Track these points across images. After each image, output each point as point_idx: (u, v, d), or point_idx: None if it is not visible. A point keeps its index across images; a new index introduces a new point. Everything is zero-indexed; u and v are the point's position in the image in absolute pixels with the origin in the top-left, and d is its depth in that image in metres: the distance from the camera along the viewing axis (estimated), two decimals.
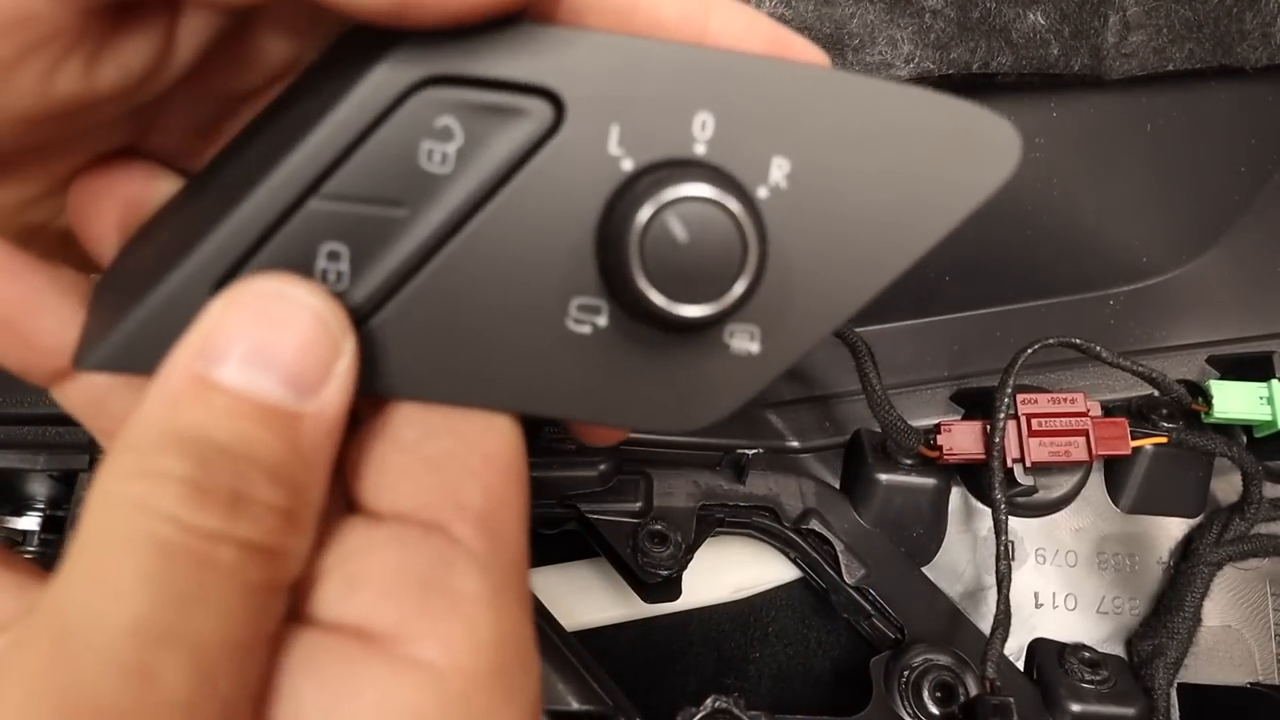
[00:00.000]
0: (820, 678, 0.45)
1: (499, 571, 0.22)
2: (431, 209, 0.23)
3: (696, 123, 0.23)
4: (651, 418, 0.24)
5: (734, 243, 0.22)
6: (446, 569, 0.21)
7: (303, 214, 0.22)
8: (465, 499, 0.22)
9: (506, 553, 0.22)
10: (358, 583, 0.21)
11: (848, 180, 0.23)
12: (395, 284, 0.23)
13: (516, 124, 0.23)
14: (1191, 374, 0.47)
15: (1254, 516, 0.43)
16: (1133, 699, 0.40)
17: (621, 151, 0.22)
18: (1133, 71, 0.43)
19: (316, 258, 0.23)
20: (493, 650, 0.20)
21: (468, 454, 0.23)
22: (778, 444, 0.48)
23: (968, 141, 0.23)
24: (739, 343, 0.24)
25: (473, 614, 0.20)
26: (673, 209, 0.21)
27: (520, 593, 0.22)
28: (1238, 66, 0.44)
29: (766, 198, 0.23)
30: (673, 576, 0.41)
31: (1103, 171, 0.47)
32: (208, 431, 0.19)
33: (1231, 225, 0.49)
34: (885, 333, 0.49)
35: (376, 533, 0.22)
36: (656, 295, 0.22)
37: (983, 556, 0.46)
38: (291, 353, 0.21)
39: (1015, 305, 0.49)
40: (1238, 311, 0.48)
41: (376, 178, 0.22)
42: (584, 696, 0.33)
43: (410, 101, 0.22)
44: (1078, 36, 0.42)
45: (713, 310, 0.22)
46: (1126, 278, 0.49)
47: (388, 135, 0.22)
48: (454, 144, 0.22)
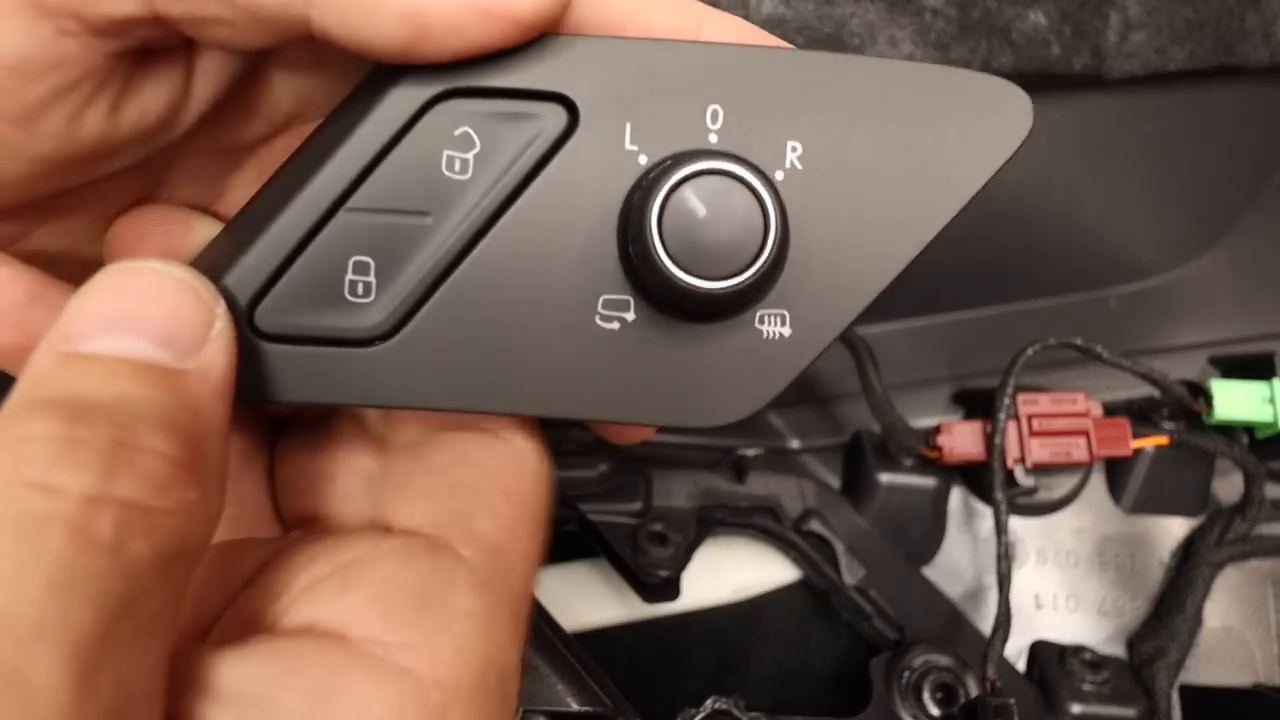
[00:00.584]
0: (820, 679, 0.45)
1: (496, 596, 0.22)
2: (454, 216, 0.23)
3: (708, 114, 0.23)
4: (690, 412, 0.24)
5: (753, 213, 0.22)
6: (445, 583, 0.21)
7: (331, 228, 0.23)
8: (478, 525, 0.23)
9: (507, 581, 0.22)
10: (351, 586, 0.21)
11: (863, 157, 0.23)
12: (423, 292, 0.23)
13: (532, 129, 0.23)
14: (1193, 374, 0.47)
15: (1255, 517, 0.43)
16: (1134, 700, 0.40)
17: (637, 147, 0.23)
18: (1134, 71, 0.43)
19: (346, 270, 0.23)
20: (478, 671, 0.20)
21: (490, 486, 0.24)
22: (778, 444, 0.48)
23: (979, 108, 0.23)
24: (770, 327, 0.23)
25: (464, 631, 0.20)
26: (689, 185, 0.22)
27: (515, 623, 0.22)
28: (1239, 66, 0.44)
29: (783, 180, 0.23)
30: (672, 577, 0.41)
31: (1104, 171, 0.47)
32: (80, 392, 0.18)
33: (1233, 225, 0.49)
34: (886, 333, 0.49)
35: (383, 544, 0.22)
36: (680, 272, 0.22)
37: (983, 557, 0.46)
38: (161, 317, 0.20)
39: (1016, 305, 0.49)
40: (1239, 311, 0.48)
41: (401, 188, 0.23)
42: (584, 697, 0.33)
43: (430, 114, 0.23)
44: (1079, 36, 0.42)
45: (735, 283, 0.22)
46: (1127, 277, 0.49)
47: (410, 147, 0.23)
48: (473, 151, 0.23)
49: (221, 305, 0.21)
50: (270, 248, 0.23)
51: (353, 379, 0.23)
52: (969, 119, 0.23)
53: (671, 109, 0.23)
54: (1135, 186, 0.48)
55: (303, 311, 0.23)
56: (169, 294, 0.20)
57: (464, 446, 0.24)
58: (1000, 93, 0.23)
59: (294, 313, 0.23)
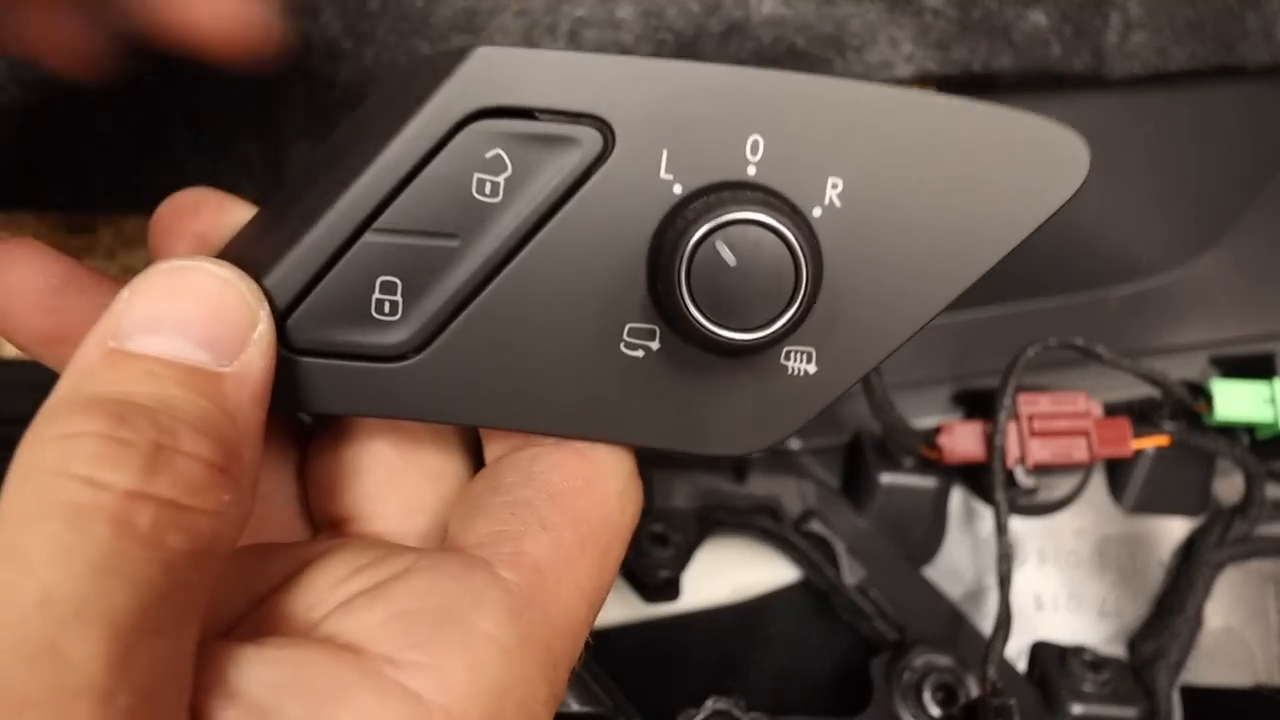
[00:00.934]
0: (820, 679, 0.45)
1: (531, 624, 0.21)
2: (483, 239, 0.23)
3: (748, 144, 0.22)
4: (708, 441, 0.24)
5: (785, 266, 0.21)
6: (472, 604, 0.20)
7: (358, 248, 0.23)
8: (527, 546, 0.22)
9: (548, 610, 0.21)
10: (378, 601, 0.20)
11: (906, 198, 0.22)
12: (449, 313, 0.23)
13: (566, 152, 0.22)
14: (1193, 374, 0.47)
15: (1256, 517, 0.43)
16: (1135, 701, 0.40)
17: (672, 176, 0.22)
18: (1134, 71, 0.43)
19: (373, 290, 0.23)
20: (493, 700, 0.19)
21: (551, 506, 0.23)
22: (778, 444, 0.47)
23: (1032, 154, 0.22)
24: (796, 364, 0.23)
25: (482, 656, 0.20)
26: (720, 233, 0.21)
27: (549, 655, 0.21)
28: (1239, 66, 0.44)
29: (821, 217, 0.22)
30: (673, 577, 0.41)
31: (1104, 171, 0.47)
32: (125, 392, 0.18)
33: (1233, 225, 0.49)
34: None
35: (422, 560, 0.21)
36: (705, 320, 0.21)
37: (983, 557, 0.46)
38: (204, 318, 0.20)
39: (1016, 305, 0.49)
40: (1240, 311, 0.48)
41: (429, 210, 0.23)
42: (584, 698, 0.33)
43: (461, 135, 0.22)
44: (1079, 36, 0.42)
45: (762, 335, 0.21)
46: (1128, 277, 0.49)
47: (440, 168, 0.22)
48: (504, 174, 0.22)
49: (265, 308, 0.22)
50: (298, 264, 0.23)
51: (378, 392, 0.24)
52: (1020, 164, 0.22)
53: (710, 137, 0.22)
54: (1135, 186, 0.48)
55: (330, 327, 0.23)
56: (214, 295, 0.21)
57: (538, 464, 0.24)
58: (1056, 139, 0.22)
59: (321, 328, 0.23)
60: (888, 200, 0.22)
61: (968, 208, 0.23)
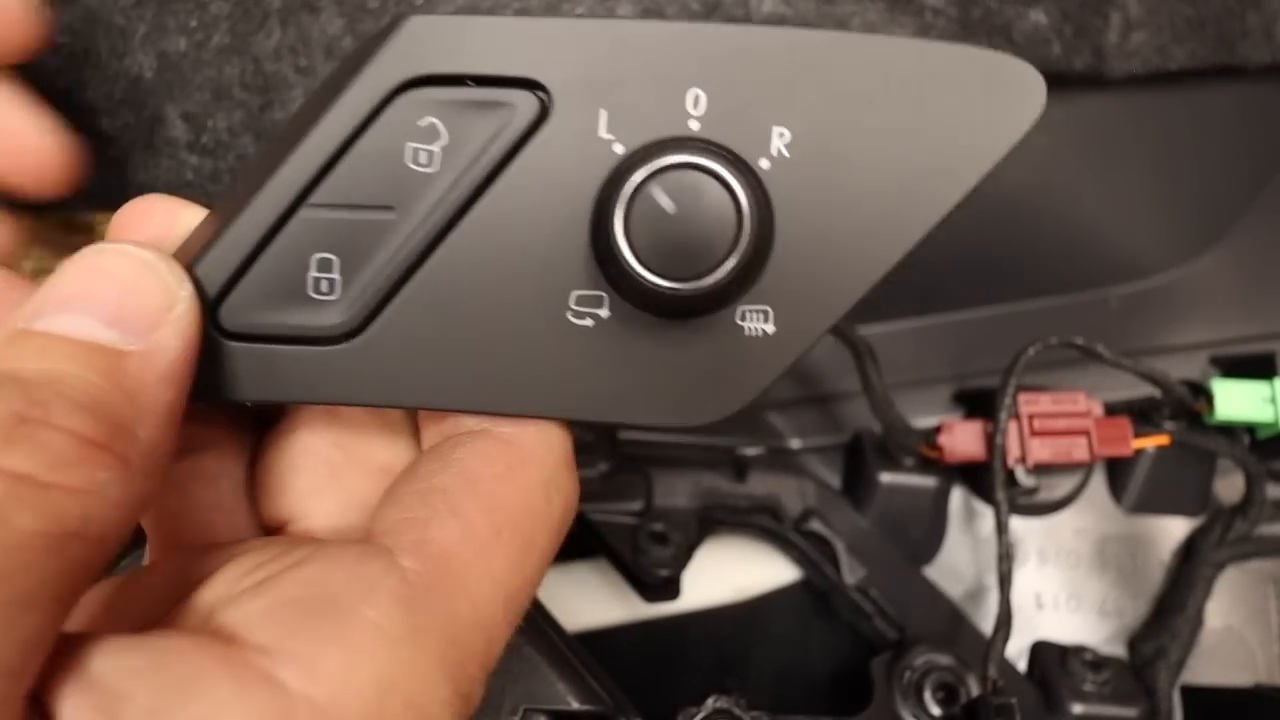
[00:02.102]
0: (821, 679, 0.45)
1: (430, 615, 0.20)
2: (420, 210, 0.22)
3: (689, 99, 0.22)
4: (668, 412, 0.23)
5: (725, 210, 0.21)
6: (363, 593, 0.19)
7: (292, 225, 0.22)
8: (434, 534, 0.21)
9: (452, 600, 0.20)
10: (264, 591, 0.19)
11: (857, 143, 0.22)
12: (388, 290, 0.22)
13: (502, 118, 0.22)
14: (1194, 374, 0.47)
15: (1256, 517, 0.43)
16: (1135, 700, 0.40)
17: (612, 136, 0.22)
18: (1135, 71, 0.43)
19: (309, 268, 0.22)
20: (371, 694, 0.18)
21: (467, 493, 0.22)
22: (778, 444, 0.47)
23: (985, 88, 0.21)
24: (753, 324, 0.22)
25: (363, 646, 0.18)
26: (658, 179, 0.21)
27: (449, 649, 0.20)
28: (1240, 66, 0.44)
29: (769, 169, 0.22)
30: (673, 576, 0.41)
31: (1105, 170, 0.47)
32: (11, 368, 0.18)
33: (1234, 224, 0.49)
34: (886, 332, 0.48)
35: (321, 550, 0.20)
36: (646, 272, 0.21)
37: (984, 557, 0.46)
38: (115, 297, 0.20)
39: (1016, 305, 0.49)
40: (1240, 311, 0.48)
41: (364, 183, 0.22)
42: (584, 696, 0.33)
43: (393, 105, 0.22)
44: (1079, 35, 0.42)
45: (705, 284, 0.21)
46: (1128, 277, 0.49)
47: (373, 140, 0.22)
48: (439, 143, 0.22)
49: (187, 289, 0.21)
50: (232, 245, 0.22)
51: (317, 377, 0.23)
52: (974, 99, 0.21)
53: (650, 94, 0.21)
54: (1136, 186, 0.48)
55: (266, 310, 0.22)
56: (127, 274, 0.20)
57: (459, 450, 0.23)
58: (1009, 71, 0.21)
59: (257, 311, 0.22)
60: (838, 147, 0.22)
61: (922, 149, 0.22)
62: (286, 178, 0.22)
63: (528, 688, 0.33)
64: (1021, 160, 0.22)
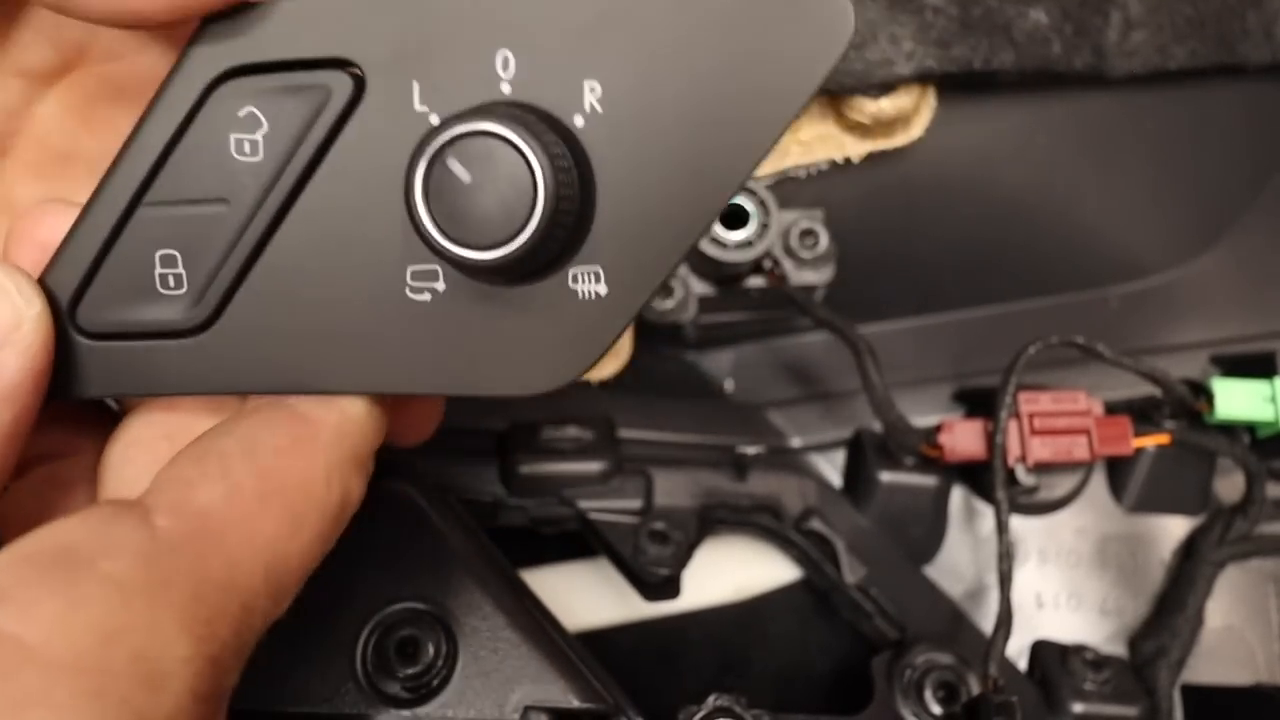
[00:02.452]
0: (821, 678, 0.45)
1: (174, 570, 0.19)
2: (251, 200, 0.22)
3: (497, 61, 0.21)
4: (511, 381, 0.23)
5: (521, 177, 0.20)
6: (101, 547, 0.19)
7: (132, 225, 0.22)
8: (197, 493, 0.21)
9: (204, 559, 0.20)
10: (12, 548, 0.19)
11: (669, 90, 0.21)
12: (231, 280, 0.23)
13: (319, 100, 0.22)
14: (1194, 373, 0.47)
15: (1256, 516, 0.43)
16: (1135, 699, 0.40)
17: (427, 107, 0.22)
18: (1135, 70, 0.43)
19: (154, 265, 0.23)
20: (88, 639, 0.18)
21: (241, 458, 0.22)
22: (779, 443, 0.47)
23: (790, 19, 0.21)
24: (585, 285, 0.22)
25: (90, 595, 0.18)
26: (451, 149, 0.20)
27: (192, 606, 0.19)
28: (1240, 65, 0.44)
29: (584, 126, 0.21)
30: (673, 575, 0.41)
31: (1105, 169, 0.47)
32: None
33: (1234, 224, 0.49)
34: (886, 332, 0.48)
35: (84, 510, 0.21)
36: (448, 243, 0.21)
37: (984, 556, 0.46)
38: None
39: (1016, 304, 0.49)
40: (1240, 310, 0.48)
41: (194, 177, 0.22)
42: (585, 695, 0.33)
43: (213, 97, 0.22)
44: (1080, 34, 0.42)
45: (509, 252, 0.20)
46: (1128, 276, 0.49)
47: (197, 134, 0.22)
48: (261, 131, 0.22)
49: (37, 307, 0.21)
50: (79, 248, 0.22)
51: (172, 370, 0.23)
52: (781, 34, 0.21)
53: (458, 61, 0.21)
54: (1136, 185, 0.48)
55: (119, 308, 0.23)
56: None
57: (251, 419, 0.23)
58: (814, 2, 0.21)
59: (111, 309, 0.23)
60: (650, 96, 0.21)
61: (736, 89, 0.21)
62: (120, 179, 0.22)
63: (529, 686, 0.33)
64: (1022, 160, 0.22)
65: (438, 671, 0.33)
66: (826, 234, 0.44)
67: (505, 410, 0.44)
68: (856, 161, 0.44)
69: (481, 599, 0.34)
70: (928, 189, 0.46)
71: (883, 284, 0.48)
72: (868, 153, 0.44)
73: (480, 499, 0.42)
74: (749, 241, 0.43)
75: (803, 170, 0.44)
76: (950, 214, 0.46)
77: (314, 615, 0.32)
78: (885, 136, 0.43)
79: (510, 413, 0.44)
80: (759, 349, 0.49)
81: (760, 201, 0.43)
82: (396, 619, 0.33)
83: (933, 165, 0.44)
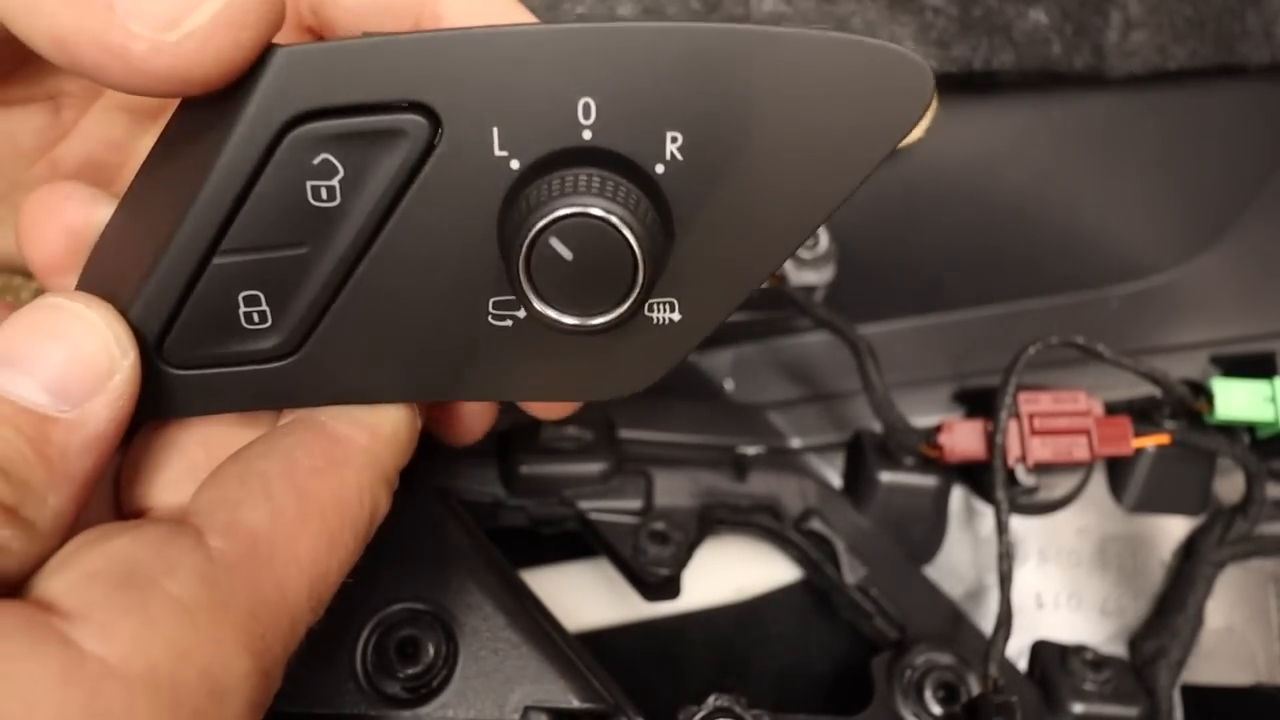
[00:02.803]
0: (821, 678, 0.45)
1: (232, 591, 0.20)
2: (331, 243, 0.22)
3: (579, 108, 0.21)
4: (584, 390, 0.25)
5: (621, 253, 0.21)
6: (165, 568, 0.20)
7: (210, 272, 0.23)
8: (244, 515, 0.22)
9: (257, 578, 0.21)
10: (71, 565, 0.20)
11: (749, 140, 0.22)
12: (316, 314, 0.23)
13: (395, 143, 0.22)
14: (1194, 373, 0.47)
15: (1256, 516, 0.43)
16: (1136, 700, 0.40)
17: (507, 152, 0.22)
18: (1135, 70, 0.43)
19: (238, 305, 0.23)
20: (167, 658, 0.19)
21: (282, 477, 0.23)
22: (779, 443, 0.47)
23: (872, 81, 0.21)
24: (661, 314, 0.23)
25: (161, 616, 0.19)
26: (553, 229, 0.21)
27: (252, 624, 0.20)
28: (1240, 65, 0.44)
29: (664, 173, 0.22)
30: (673, 575, 0.41)
31: (1105, 170, 0.47)
32: None
33: (1234, 223, 0.49)
34: (887, 332, 0.49)
35: (133, 527, 0.21)
36: (555, 313, 0.22)
37: (984, 556, 0.46)
38: (60, 362, 0.20)
39: (1017, 304, 0.49)
40: (1240, 310, 0.48)
41: (270, 226, 0.22)
42: (585, 695, 0.33)
43: (283, 146, 0.21)
44: (1080, 34, 0.42)
45: (606, 320, 0.22)
46: (1128, 276, 0.49)
47: (270, 183, 0.22)
48: (337, 178, 0.22)
49: (131, 358, 0.22)
50: (158, 294, 0.23)
51: (259, 389, 0.24)
52: (862, 92, 0.21)
53: (539, 106, 0.21)
54: (1136, 186, 0.48)
55: (206, 343, 0.23)
56: (77, 339, 0.21)
57: (288, 439, 0.24)
58: (896, 63, 0.21)
59: (198, 345, 0.23)
60: (730, 146, 0.22)
61: (812, 142, 0.22)
62: (194, 228, 0.22)
63: (529, 686, 0.33)
64: (1022, 160, 0.22)
65: (438, 672, 0.33)
66: (826, 234, 0.44)
67: (506, 410, 0.44)
68: None
69: (481, 599, 0.34)
70: (928, 189, 0.46)
71: (883, 284, 0.48)
72: None
73: (480, 499, 0.42)
74: None
75: None
76: (950, 214, 0.47)
77: None
78: None
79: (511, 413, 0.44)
80: (759, 349, 0.49)
81: None
82: (396, 619, 0.33)
83: (933, 165, 0.45)
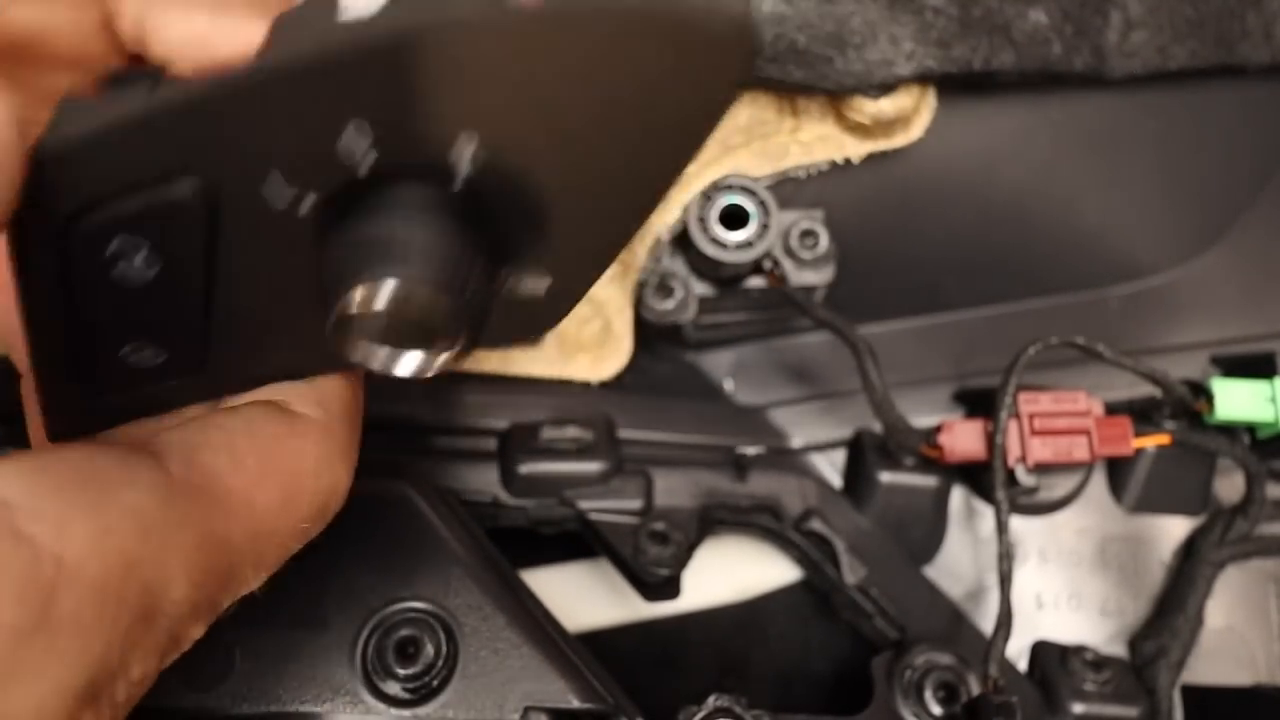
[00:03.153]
0: (821, 678, 0.45)
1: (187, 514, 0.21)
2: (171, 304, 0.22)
3: (348, 134, 0.19)
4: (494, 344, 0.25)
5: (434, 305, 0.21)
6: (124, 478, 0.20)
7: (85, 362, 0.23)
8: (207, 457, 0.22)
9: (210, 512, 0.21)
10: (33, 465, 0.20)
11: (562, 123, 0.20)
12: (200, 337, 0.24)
13: (181, 210, 0.20)
14: (1194, 373, 0.47)
15: (1257, 516, 0.43)
16: (1136, 700, 0.40)
17: (295, 190, 0.20)
18: (1135, 70, 0.43)
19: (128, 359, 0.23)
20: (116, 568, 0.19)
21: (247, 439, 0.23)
22: (779, 443, 0.47)
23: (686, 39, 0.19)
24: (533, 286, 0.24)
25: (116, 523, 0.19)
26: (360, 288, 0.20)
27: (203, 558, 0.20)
28: (1240, 66, 0.44)
29: (472, 175, 0.20)
30: (673, 575, 0.41)
31: (1105, 170, 0.47)
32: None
33: (1234, 224, 0.49)
34: (887, 332, 0.48)
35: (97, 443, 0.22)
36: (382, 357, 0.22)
37: (984, 557, 0.46)
38: None
39: (1017, 304, 0.49)
40: (1241, 310, 0.48)
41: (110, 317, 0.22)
42: (585, 695, 0.33)
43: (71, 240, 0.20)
44: (1080, 35, 0.42)
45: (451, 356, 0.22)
46: (1128, 277, 0.49)
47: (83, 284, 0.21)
48: (141, 252, 0.21)
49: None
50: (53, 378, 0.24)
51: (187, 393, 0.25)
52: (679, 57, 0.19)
53: (308, 139, 0.19)
54: (1136, 186, 0.48)
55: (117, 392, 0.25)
56: None
57: (252, 409, 0.24)
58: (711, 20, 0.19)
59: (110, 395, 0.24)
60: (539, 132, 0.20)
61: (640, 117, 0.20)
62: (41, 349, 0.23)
63: (529, 686, 0.33)
64: (1021, 160, 0.22)
65: (438, 672, 0.33)
66: (826, 234, 0.44)
67: (506, 410, 0.44)
68: (856, 162, 0.44)
69: (481, 599, 0.34)
70: (928, 189, 0.46)
71: (883, 284, 0.48)
72: (868, 153, 0.44)
73: (480, 499, 0.42)
74: (749, 242, 0.43)
75: (803, 171, 0.44)
76: (950, 214, 0.46)
77: (314, 615, 0.32)
78: (885, 137, 0.43)
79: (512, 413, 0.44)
80: (759, 349, 0.49)
81: (760, 202, 0.43)
82: (396, 619, 0.33)
83: (933, 166, 0.45)
